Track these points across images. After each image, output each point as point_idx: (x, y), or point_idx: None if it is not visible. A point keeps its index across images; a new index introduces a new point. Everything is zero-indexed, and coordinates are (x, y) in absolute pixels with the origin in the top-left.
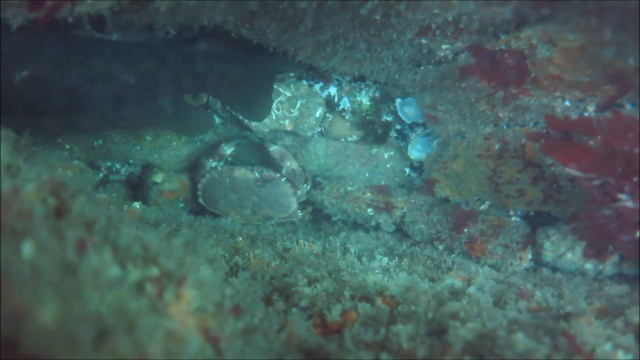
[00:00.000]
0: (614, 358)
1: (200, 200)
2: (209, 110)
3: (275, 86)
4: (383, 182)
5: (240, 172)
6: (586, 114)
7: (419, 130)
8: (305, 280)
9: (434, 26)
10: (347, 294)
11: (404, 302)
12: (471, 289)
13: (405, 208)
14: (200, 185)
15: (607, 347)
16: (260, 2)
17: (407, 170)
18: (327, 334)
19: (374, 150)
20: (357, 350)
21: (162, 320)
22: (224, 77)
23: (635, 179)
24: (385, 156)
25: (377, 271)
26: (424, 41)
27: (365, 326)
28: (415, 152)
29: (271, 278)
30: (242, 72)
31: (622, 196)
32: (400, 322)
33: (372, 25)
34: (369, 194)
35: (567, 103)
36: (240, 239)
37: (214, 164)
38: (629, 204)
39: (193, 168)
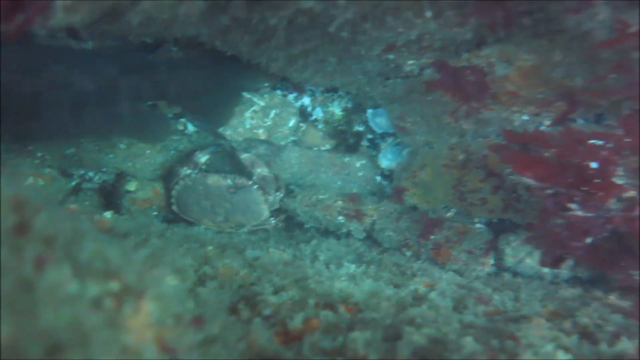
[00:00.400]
0: (554, 358)
1: (174, 207)
2: (183, 119)
3: (249, 96)
4: (354, 191)
5: (213, 180)
6: (542, 128)
7: (390, 140)
8: (272, 288)
9: (399, 43)
10: (311, 301)
11: (366, 309)
12: (433, 295)
13: (375, 216)
14: (174, 193)
15: (549, 347)
16: (233, 18)
17: (378, 178)
18: (288, 342)
19: (346, 159)
20: (313, 357)
21: (119, 334)
22: (186, 85)
23: (585, 189)
24: (357, 165)
25: (343, 278)
26: (391, 57)
27: (325, 333)
28: (386, 161)
29: (239, 287)
30: (205, 81)
31: (573, 205)
32: (359, 329)
33: (341, 41)
34: (340, 202)
35: (525, 117)
36: (211, 247)
37: (188, 171)
38: (579, 213)
39: (167, 176)
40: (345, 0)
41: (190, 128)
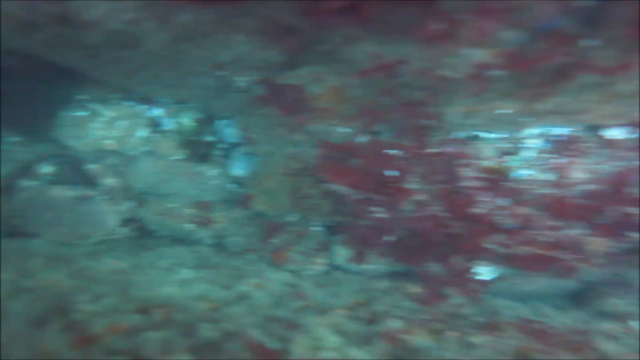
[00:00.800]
0: (327, 340)
1: (15, 221)
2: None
3: (96, 106)
4: (207, 198)
5: (57, 191)
6: (355, 139)
7: (240, 149)
8: (91, 297)
9: (223, 62)
10: (129, 307)
11: (182, 310)
12: (258, 293)
13: (224, 222)
14: (14, 206)
15: (323, 332)
16: (48, 35)
17: (229, 186)
18: (85, 346)
19: (199, 168)
20: (104, 357)
21: None
22: (4, 94)
23: (385, 193)
24: (210, 173)
25: (174, 284)
26: (222, 73)
27: (128, 335)
28: (237, 169)
29: (56, 297)
30: (27, 91)
31: (375, 208)
32: (159, 329)
33: (167, 59)
34: (191, 210)
35: (341, 129)
36: (38, 260)
37: (29, 183)
38: (381, 215)
39: (7, 188)
40: (154, 24)
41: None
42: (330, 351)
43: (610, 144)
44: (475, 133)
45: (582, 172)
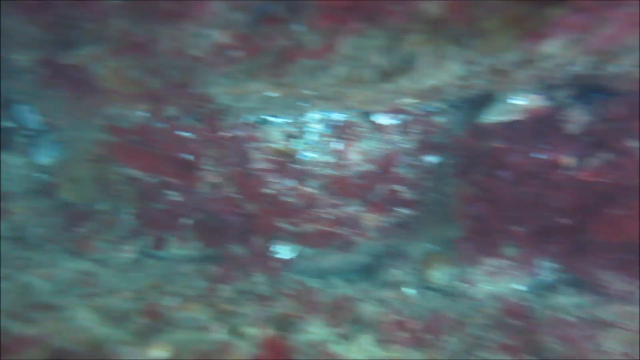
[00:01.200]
0: (79, 319)
1: None
2: None
3: None
4: (5, 189)
5: None
6: (147, 122)
7: (47, 136)
8: None
9: None
10: None
11: None
12: (40, 283)
13: (24, 213)
14: None
15: (81, 313)
16: None
17: (33, 175)
18: None
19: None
20: None
21: None
22: None
23: (181, 176)
24: (12, 162)
25: None
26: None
27: None
28: (41, 157)
29: None
30: None
31: (170, 192)
32: None
33: None
34: None
35: (138, 113)
36: None
37: None
38: (176, 197)
39: None
40: None
41: None
42: (78, 328)
43: (380, 128)
44: (263, 117)
45: (356, 154)
